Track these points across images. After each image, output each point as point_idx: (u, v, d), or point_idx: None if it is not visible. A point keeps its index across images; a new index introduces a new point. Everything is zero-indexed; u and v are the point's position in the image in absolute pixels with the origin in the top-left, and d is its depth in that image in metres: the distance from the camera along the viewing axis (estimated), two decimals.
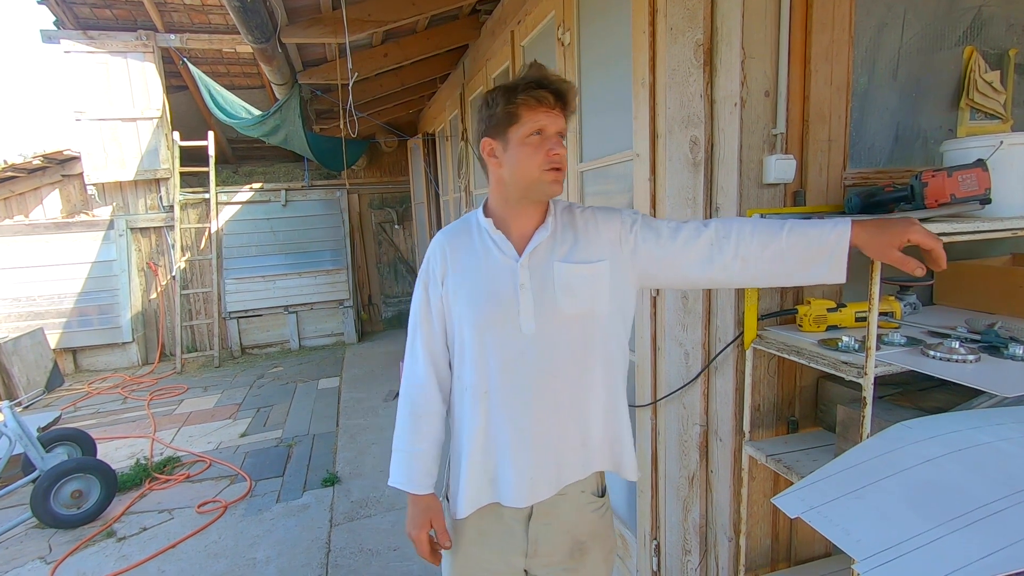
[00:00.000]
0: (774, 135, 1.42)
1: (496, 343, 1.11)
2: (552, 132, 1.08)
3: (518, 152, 1.09)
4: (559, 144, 1.08)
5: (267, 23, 2.90)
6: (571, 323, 1.11)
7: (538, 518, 1.17)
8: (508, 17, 3.05)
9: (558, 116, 1.08)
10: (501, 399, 1.12)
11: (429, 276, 1.20)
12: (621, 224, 1.16)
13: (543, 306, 1.10)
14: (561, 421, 1.13)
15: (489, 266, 1.14)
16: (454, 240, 1.19)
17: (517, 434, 1.12)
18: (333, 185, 7.35)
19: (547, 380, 1.11)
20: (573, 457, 1.16)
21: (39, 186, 6.40)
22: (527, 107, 1.07)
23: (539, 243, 1.13)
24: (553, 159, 1.07)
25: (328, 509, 3.13)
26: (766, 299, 1.47)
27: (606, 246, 1.14)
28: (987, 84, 1.64)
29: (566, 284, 1.11)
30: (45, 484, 2.94)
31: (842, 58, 1.44)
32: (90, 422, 4.74)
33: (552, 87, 1.07)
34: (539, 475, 1.14)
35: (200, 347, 6.82)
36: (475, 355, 1.13)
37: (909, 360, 1.15)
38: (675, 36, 1.59)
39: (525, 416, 1.12)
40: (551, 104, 1.07)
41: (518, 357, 1.10)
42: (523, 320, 1.10)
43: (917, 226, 0.96)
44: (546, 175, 1.08)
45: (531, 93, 1.06)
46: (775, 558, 1.62)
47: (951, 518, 0.80)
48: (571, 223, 1.17)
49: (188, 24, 6.20)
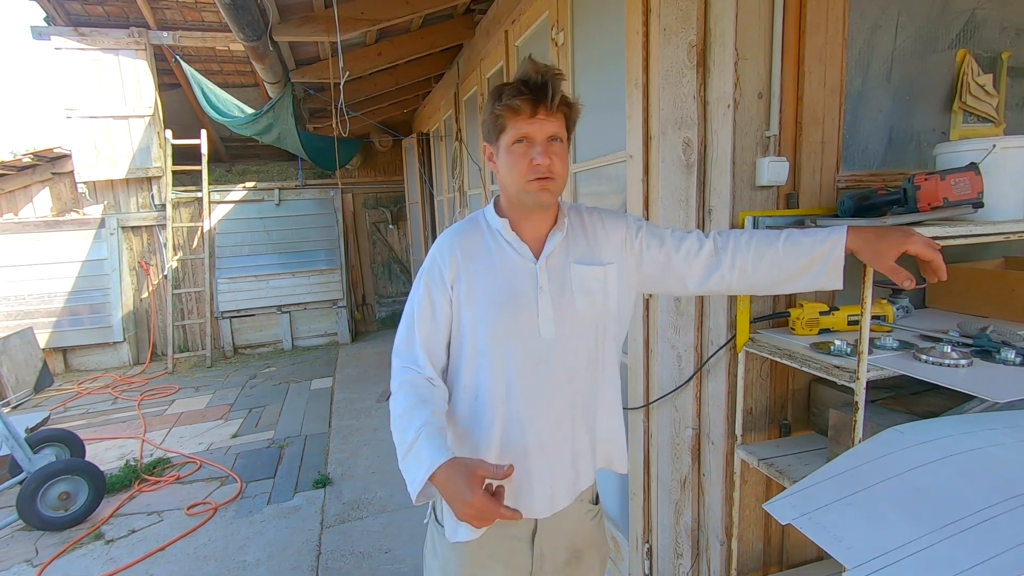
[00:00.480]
0: (767, 137, 1.41)
1: (515, 348, 1.07)
2: (541, 138, 1.02)
3: (506, 160, 1.05)
4: (545, 152, 1.01)
5: (258, 21, 2.88)
6: (587, 325, 1.10)
7: (543, 532, 1.14)
8: (502, 17, 3.04)
9: (544, 120, 1.01)
10: (520, 407, 1.08)
11: (433, 277, 1.12)
12: (627, 229, 1.15)
13: (562, 309, 1.08)
14: (576, 426, 1.12)
15: (506, 269, 1.09)
16: (465, 241, 1.13)
17: (537, 443, 1.09)
18: (327, 184, 7.32)
19: (565, 384, 1.10)
20: (585, 462, 1.15)
21: (29, 184, 6.33)
22: (509, 115, 1.02)
23: (556, 245, 1.11)
24: (535, 169, 1.02)
25: (319, 511, 3.11)
26: (759, 302, 1.47)
27: (614, 250, 1.14)
28: (980, 87, 1.64)
29: (583, 286, 1.09)
30: (32, 486, 2.90)
31: (836, 60, 1.44)
32: (79, 423, 4.69)
33: (533, 92, 0.99)
34: (559, 483, 1.12)
35: (192, 347, 6.77)
36: (491, 361, 1.07)
37: (901, 364, 1.14)
38: (668, 37, 1.58)
39: (545, 423, 1.09)
40: (529, 113, 1.00)
41: (538, 362, 1.08)
42: (542, 324, 1.07)
43: (916, 236, 0.96)
44: (531, 185, 1.03)
45: (508, 102, 1.00)
46: (767, 562, 1.62)
47: (943, 525, 0.80)
48: (581, 225, 1.16)
49: (181, 21, 6.15)
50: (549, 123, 1.02)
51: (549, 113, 1.02)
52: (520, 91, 1.00)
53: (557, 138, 1.04)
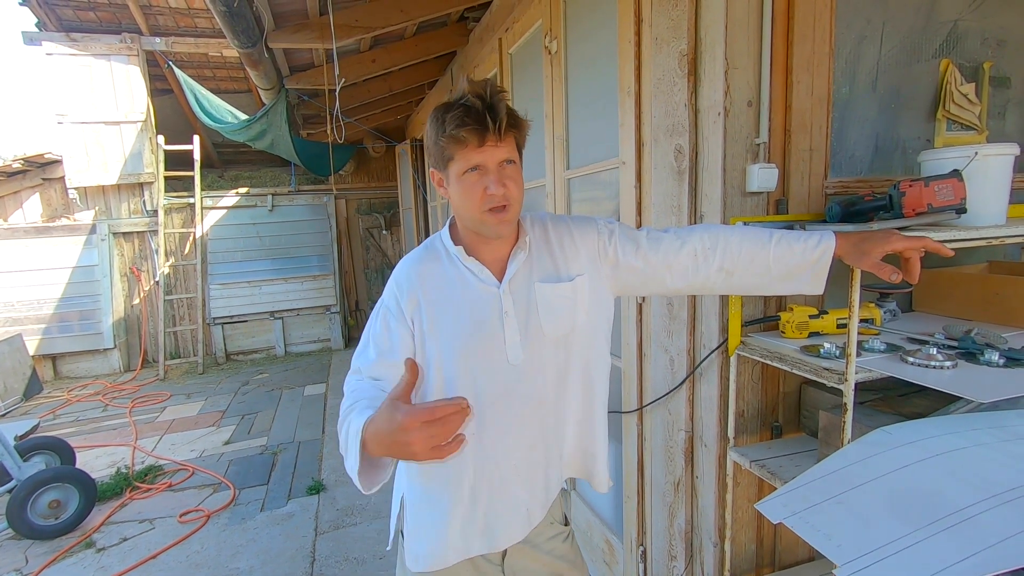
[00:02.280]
0: (757, 144, 1.44)
1: (483, 378, 1.03)
2: (492, 165, 0.96)
3: (458, 189, 0.99)
4: (499, 180, 0.96)
5: (253, 28, 2.89)
6: (554, 345, 1.06)
7: (513, 555, 1.13)
8: (496, 24, 3.07)
9: (494, 147, 0.95)
10: (492, 438, 1.04)
11: (390, 311, 1.06)
12: (598, 236, 1.10)
13: (529, 332, 1.04)
14: (547, 444, 1.09)
15: (468, 296, 1.04)
16: (422, 269, 1.07)
17: (513, 472, 1.06)
18: (320, 190, 7.31)
19: (535, 408, 1.06)
20: (555, 474, 1.13)
21: (19, 189, 6.28)
22: (455, 146, 0.95)
23: (519, 266, 1.06)
24: (491, 199, 0.96)
25: (313, 517, 3.10)
26: (750, 306, 1.49)
27: (584, 260, 1.09)
28: (963, 96, 1.68)
29: (548, 305, 1.04)
30: (22, 494, 2.87)
31: (823, 69, 1.47)
32: (69, 430, 4.64)
33: (477, 120, 0.92)
34: (533, 503, 1.10)
35: (184, 353, 6.72)
36: (460, 394, 0.98)
37: (888, 366, 1.17)
38: (660, 46, 1.61)
39: (519, 451, 1.06)
40: (477, 143, 0.94)
41: (507, 390, 1.04)
42: (510, 349, 1.03)
43: (897, 235, 0.99)
44: (487, 217, 0.97)
45: (454, 133, 0.93)
46: (760, 563, 1.64)
47: (930, 522, 0.82)
48: (545, 240, 1.10)
49: (174, 27, 6.14)
50: (499, 148, 0.96)
51: (498, 139, 0.95)
52: (464, 121, 0.92)
53: (509, 160, 0.98)
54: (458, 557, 1.08)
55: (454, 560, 1.07)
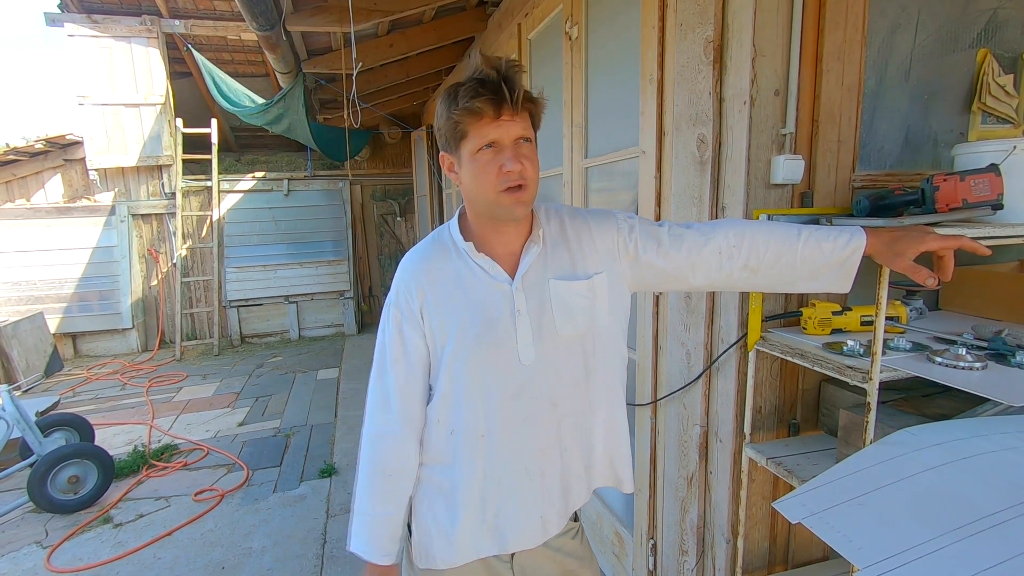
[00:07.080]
0: (783, 135, 1.40)
1: (495, 379, 1.00)
2: (508, 141, 0.93)
3: (471, 170, 0.95)
4: (515, 157, 0.92)
5: (272, 10, 2.88)
6: (571, 345, 1.02)
7: (522, 553, 1.10)
8: (515, 9, 3.02)
9: (510, 121, 0.92)
10: (502, 439, 1.01)
11: (402, 312, 1.04)
12: (618, 231, 1.06)
13: (542, 332, 1.00)
14: (565, 450, 1.06)
15: (479, 294, 1.00)
16: (429, 266, 1.03)
17: (524, 474, 1.03)
18: (336, 175, 7.33)
19: (550, 410, 1.02)
20: (577, 484, 1.10)
21: (41, 170, 6.37)
22: (469, 119, 0.92)
23: (532, 261, 1.02)
24: (507, 177, 0.92)
25: (325, 500, 3.13)
26: (770, 301, 1.46)
27: (603, 257, 1.05)
28: (1000, 88, 1.62)
29: (563, 304, 1.00)
30: (42, 469, 2.94)
31: (854, 58, 1.42)
32: (89, 408, 4.74)
33: (492, 91, 0.90)
34: (549, 511, 1.06)
35: (200, 335, 6.82)
36: (469, 394, 1.00)
37: (914, 366, 1.14)
38: (685, 32, 1.57)
39: (530, 453, 1.03)
40: (492, 115, 0.91)
41: (519, 391, 1.00)
42: (522, 350, 0.99)
43: (932, 234, 0.94)
44: (503, 197, 0.94)
45: (467, 105, 0.90)
46: (772, 561, 1.62)
47: (955, 528, 0.79)
48: (561, 234, 1.06)
49: (193, 10, 6.16)
50: (515, 124, 0.93)
51: (514, 113, 0.92)
52: (478, 92, 0.89)
53: (525, 138, 0.95)
54: (468, 558, 1.06)
55: (462, 560, 1.06)
